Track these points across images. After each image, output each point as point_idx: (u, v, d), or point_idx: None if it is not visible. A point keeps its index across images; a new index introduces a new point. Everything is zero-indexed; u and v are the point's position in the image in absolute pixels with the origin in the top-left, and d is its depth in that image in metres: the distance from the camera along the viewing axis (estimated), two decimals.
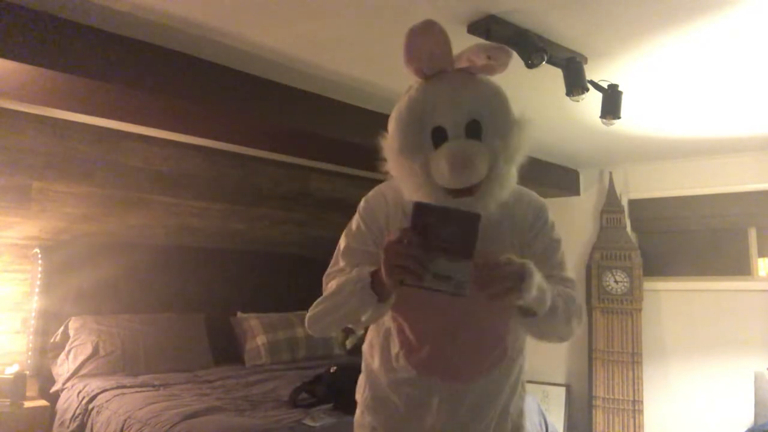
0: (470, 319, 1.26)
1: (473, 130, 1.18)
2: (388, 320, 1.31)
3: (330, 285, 1.26)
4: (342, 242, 1.33)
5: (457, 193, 1.16)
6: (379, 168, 1.26)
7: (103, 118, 3.28)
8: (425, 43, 1.18)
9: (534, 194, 1.36)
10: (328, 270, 1.32)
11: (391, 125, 1.24)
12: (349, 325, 1.30)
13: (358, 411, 1.39)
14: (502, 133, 1.19)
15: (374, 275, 1.14)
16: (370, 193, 1.36)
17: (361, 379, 1.40)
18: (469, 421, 1.28)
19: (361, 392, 1.39)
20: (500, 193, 1.19)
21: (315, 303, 1.26)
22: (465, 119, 1.17)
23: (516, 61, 2.17)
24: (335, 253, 1.34)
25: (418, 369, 1.27)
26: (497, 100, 1.21)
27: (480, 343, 1.28)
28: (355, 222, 1.33)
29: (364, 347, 1.41)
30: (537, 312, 1.14)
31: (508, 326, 1.28)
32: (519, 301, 1.08)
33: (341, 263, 1.30)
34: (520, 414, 1.37)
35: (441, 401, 1.27)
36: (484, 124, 1.18)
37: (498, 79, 1.24)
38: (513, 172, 1.22)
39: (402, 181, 1.22)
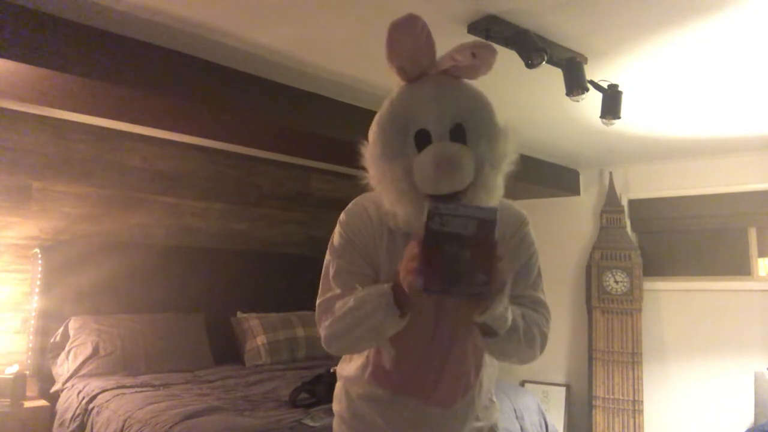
0: (452, 344, 1.20)
1: (458, 134, 1.13)
2: None
3: (340, 304, 1.15)
4: (331, 265, 1.22)
5: (441, 199, 1.09)
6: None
7: (102, 118, 3.28)
8: (408, 39, 1.12)
9: (516, 206, 1.30)
10: (322, 297, 1.21)
11: (372, 131, 1.20)
12: (366, 346, 1.21)
13: (335, 422, 1.34)
14: (487, 138, 1.14)
15: (394, 289, 1.07)
16: (350, 206, 1.27)
17: (338, 388, 1.34)
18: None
19: (337, 402, 1.34)
20: (486, 201, 1.13)
21: (330, 321, 1.16)
22: (450, 122, 1.13)
23: (516, 61, 2.17)
24: (323, 276, 1.23)
25: (393, 389, 1.23)
26: (482, 105, 1.18)
27: (459, 369, 1.23)
28: (338, 239, 1.23)
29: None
30: (498, 332, 1.08)
31: (484, 350, 1.23)
32: (483, 315, 1.03)
33: (336, 289, 1.19)
34: (495, 424, 1.36)
35: (415, 419, 1.23)
36: (469, 128, 1.14)
37: (499, 79, 1.22)
38: (500, 182, 1.17)
39: (383, 190, 1.16)
